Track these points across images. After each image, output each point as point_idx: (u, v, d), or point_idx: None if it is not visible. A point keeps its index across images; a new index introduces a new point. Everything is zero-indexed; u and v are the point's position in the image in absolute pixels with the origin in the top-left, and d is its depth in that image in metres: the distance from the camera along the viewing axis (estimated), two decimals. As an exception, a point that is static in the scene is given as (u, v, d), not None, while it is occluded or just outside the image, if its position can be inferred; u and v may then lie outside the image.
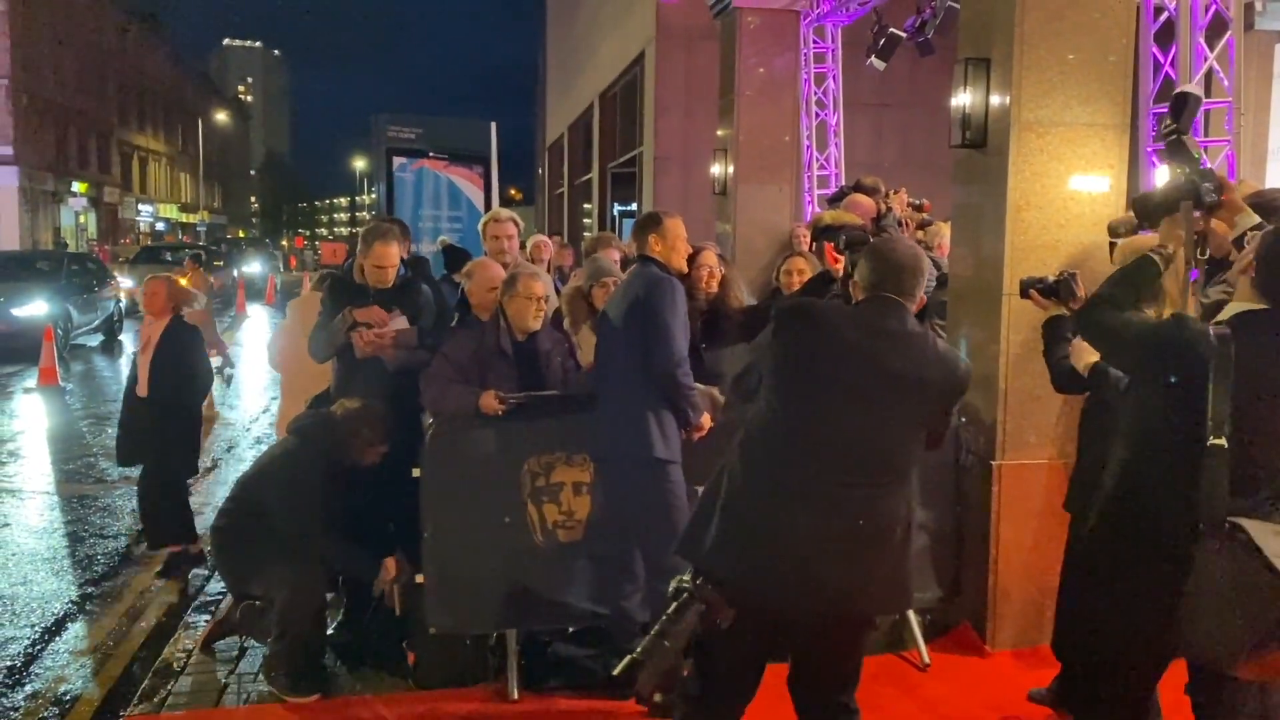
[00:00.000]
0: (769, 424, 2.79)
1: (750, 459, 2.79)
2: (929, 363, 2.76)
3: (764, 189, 10.13)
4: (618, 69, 19.17)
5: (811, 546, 2.67)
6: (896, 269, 2.81)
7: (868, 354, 2.72)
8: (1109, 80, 4.59)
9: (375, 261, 4.73)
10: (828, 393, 2.72)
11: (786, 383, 2.78)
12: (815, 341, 2.77)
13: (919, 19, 9.19)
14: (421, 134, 11.61)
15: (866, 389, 2.70)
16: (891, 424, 2.73)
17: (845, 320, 2.84)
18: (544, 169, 33.22)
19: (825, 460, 2.70)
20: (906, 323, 2.79)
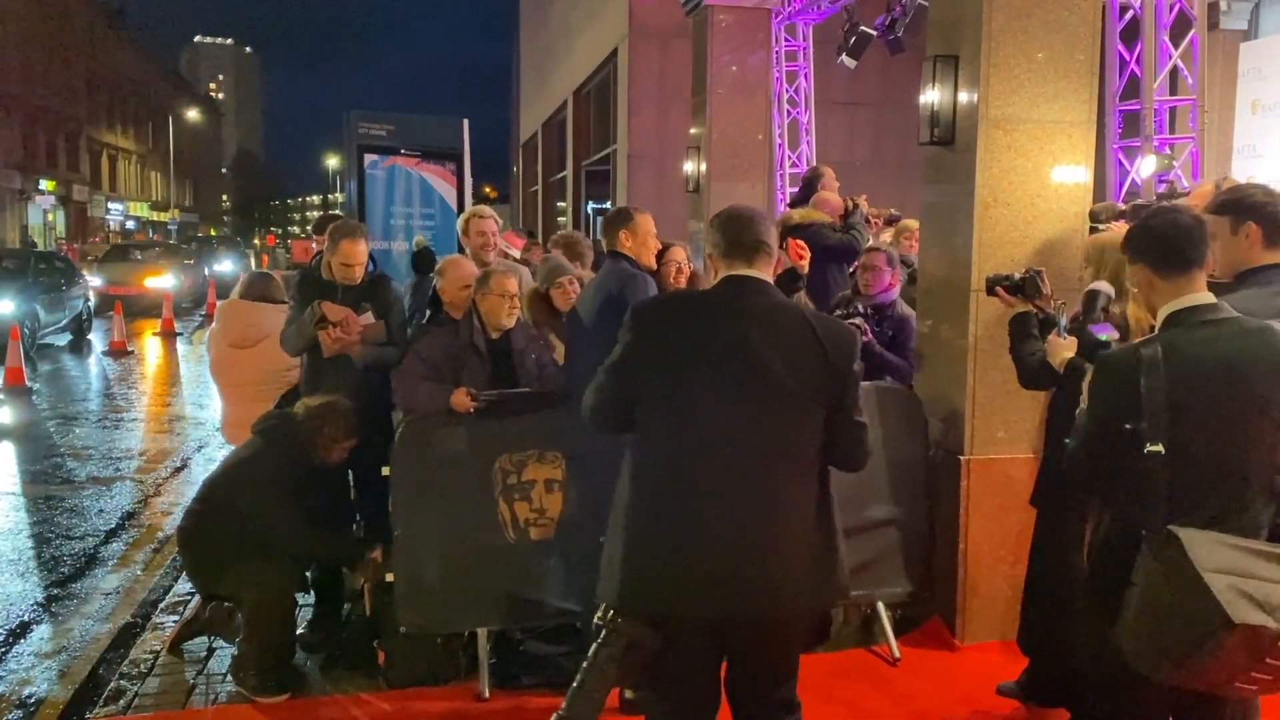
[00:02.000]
0: (646, 434, 2.66)
1: (636, 476, 2.67)
2: (802, 334, 2.59)
3: (737, 187, 10.16)
4: (591, 66, 19.17)
5: (715, 549, 2.53)
6: (747, 222, 2.67)
7: (734, 338, 2.57)
8: (1075, 78, 4.62)
9: (343, 259, 4.70)
10: (700, 387, 2.57)
11: (654, 382, 2.62)
12: (675, 334, 2.62)
13: (889, 17, 9.24)
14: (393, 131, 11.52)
15: (741, 375, 2.55)
16: (777, 406, 2.56)
17: (704, 308, 2.70)
18: (519, 167, 33.15)
19: (713, 457, 2.56)
20: (770, 296, 2.64)
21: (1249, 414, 2.54)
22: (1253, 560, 2.47)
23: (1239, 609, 2.40)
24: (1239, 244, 3.18)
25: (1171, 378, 2.52)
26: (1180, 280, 2.62)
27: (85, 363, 15.40)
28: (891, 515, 4.63)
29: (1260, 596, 2.41)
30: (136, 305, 20.09)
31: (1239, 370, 2.54)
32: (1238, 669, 2.48)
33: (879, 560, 4.62)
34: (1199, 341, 2.58)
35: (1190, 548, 2.46)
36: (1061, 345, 3.57)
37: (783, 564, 2.57)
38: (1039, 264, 4.28)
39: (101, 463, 8.67)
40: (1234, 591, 2.42)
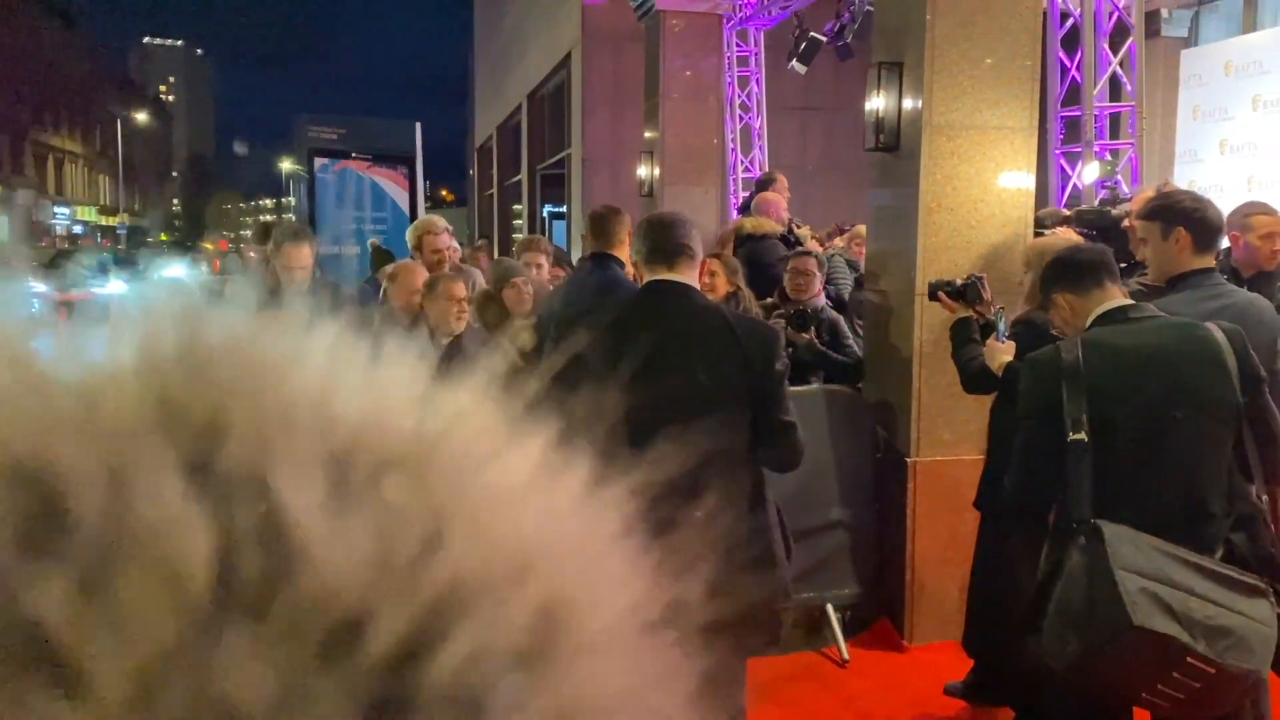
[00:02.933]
0: None
1: None
2: (722, 336, 2.59)
3: (690, 191, 10.20)
4: (545, 70, 19.14)
5: None
6: (667, 227, 2.66)
7: (655, 343, 2.55)
8: (1017, 84, 4.69)
9: (286, 263, 4.65)
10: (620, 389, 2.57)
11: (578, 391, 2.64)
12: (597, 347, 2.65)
13: (838, 23, 9.32)
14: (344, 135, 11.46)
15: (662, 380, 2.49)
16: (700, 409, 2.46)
17: (624, 316, 2.70)
18: (474, 170, 33.02)
19: None
20: (691, 299, 2.64)
21: (1176, 402, 2.54)
22: (1179, 569, 2.42)
23: (1144, 612, 2.37)
24: (1169, 249, 3.25)
25: (1092, 367, 2.56)
26: (1095, 292, 2.69)
27: (29, 370, 15.11)
28: (839, 518, 4.67)
29: (1177, 606, 2.37)
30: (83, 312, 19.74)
31: (1160, 359, 2.57)
32: (1142, 678, 2.43)
33: (828, 563, 4.66)
34: (1120, 334, 2.63)
35: (1112, 543, 2.45)
36: (999, 349, 3.62)
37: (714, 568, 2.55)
38: (982, 269, 4.34)
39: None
40: (1146, 595, 2.39)
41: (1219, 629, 2.35)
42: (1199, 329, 2.58)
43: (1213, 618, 2.36)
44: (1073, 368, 2.57)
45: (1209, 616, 2.36)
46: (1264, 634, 2.35)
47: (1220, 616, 2.36)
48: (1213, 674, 2.34)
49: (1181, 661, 2.35)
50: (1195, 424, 2.53)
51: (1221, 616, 2.36)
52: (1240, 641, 2.34)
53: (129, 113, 68.80)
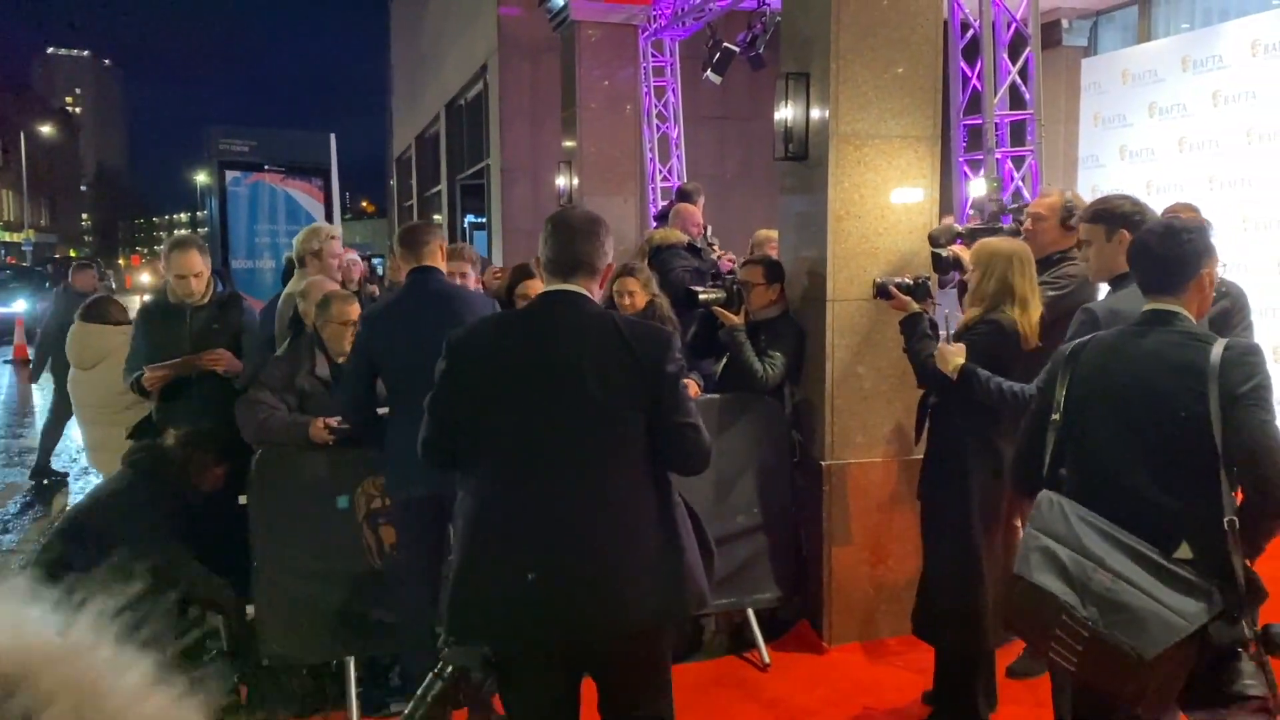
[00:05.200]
0: (469, 462, 2.64)
1: (462, 505, 2.65)
2: (610, 342, 2.57)
3: (610, 200, 10.23)
4: (462, 80, 19.02)
5: (545, 571, 2.47)
6: (572, 238, 2.64)
7: (544, 354, 2.56)
8: (920, 94, 4.80)
9: (176, 271, 4.55)
10: (513, 408, 2.55)
11: (472, 409, 2.60)
12: (487, 360, 2.62)
13: (750, 34, 9.44)
14: (257, 146, 11.23)
15: (551, 390, 2.54)
16: (592, 417, 2.53)
17: (512, 328, 2.72)
18: (394, 181, 32.63)
19: (534, 477, 2.53)
20: (583, 309, 2.62)
21: (1146, 407, 2.60)
22: (1101, 542, 2.51)
23: (1030, 566, 2.53)
24: (1113, 250, 3.45)
25: (1083, 360, 2.73)
26: None
27: (-72, 394, 14.51)
28: (758, 523, 4.72)
29: (1073, 570, 2.49)
30: (-14, 332, 19.05)
31: (1143, 365, 2.64)
32: (1033, 629, 2.62)
33: (747, 568, 4.70)
34: (1127, 334, 2.73)
35: (1038, 504, 2.62)
36: (952, 351, 3.72)
37: (622, 578, 2.51)
38: (890, 274, 4.44)
39: (-56, 500, 8.18)
40: (1042, 554, 2.54)
41: (1115, 603, 2.43)
42: (1197, 346, 2.59)
43: (1113, 591, 2.44)
44: (1071, 356, 2.76)
45: (1108, 589, 2.45)
46: (1169, 622, 2.40)
47: (1123, 593, 2.43)
48: (1087, 638, 2.44)
49: (1059, 619, 2.48)
50: (1160, 430, 2.58)
51: (1124, 593, 2.43)
52: (1134, 620, 2.40)
53: (33, 125, 66.56)
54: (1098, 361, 2.72)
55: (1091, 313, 3.40)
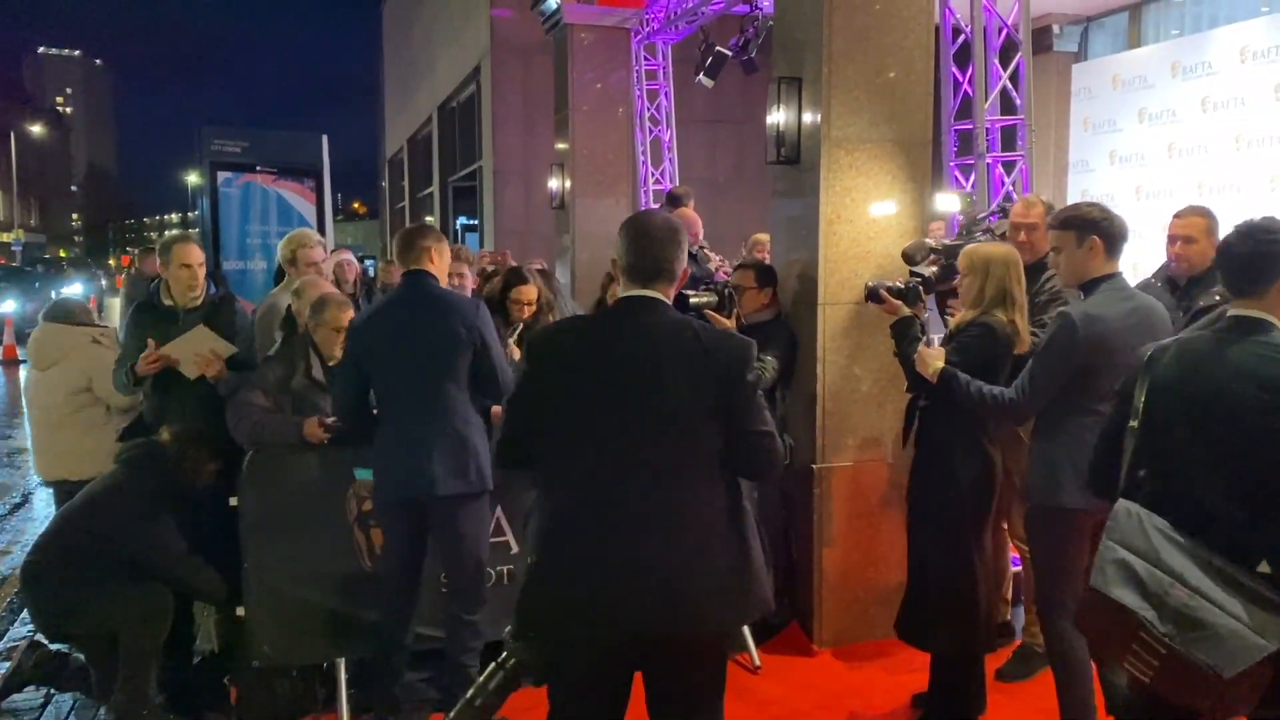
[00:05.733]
0: (548, 463, 2.67)
1: (541, 504, 2.71)
2: (690, 348, 2.60)
3: (601, 203, 10.24)
4: (455, 82, 19.03)
5: (617, 570, 2.52)
6: (652, 245, 2.68)
7: (624, 358, 2.59)
8: (912, 99, 4.82)
9: (181, 260, 4.54)
10: (595, 411, 2.58)
11: (552, 411, 2.64)
12: (569, 362, 2.65)
13: (742, 38, 9.45)
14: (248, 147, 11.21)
15: (633, 395, 2.56)
16: (671, 422, 2.56)
17: (594, 332, 2.75)
18: (386, 182, 32.61)
19: (612, 479, 2.57)
20: (663, 315, 2.66)
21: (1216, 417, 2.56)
22: (1180, 557, 2.48)
23: (1105, 579, 2.50)
24: (1083, 255, 3.50)
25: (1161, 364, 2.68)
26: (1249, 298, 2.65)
27: (-83, 394, 14.44)
28: (749, 525, 4.72)
29: (1151, 585, 2.46)
30: (-26, 332, 18.94)
31: (1216, 372, 2.58)
32: (1110, 643, 2.57)
33: (738, 570, 4.71)
34: (1211, 341, 2.64)
35: (1115, 516, 2.58)
36: (932, 355, 3.73)
37: (694, 583, 2.53)
38: (881, 277, 4.45)
39: (-68, 501, 8.15)
40: (1118, 566, 2.50)
41: (1193, 620, 2.39)
42: (1269, 358, 2.55)
43: (1191, 608, 2.41)
44: (1150, 361, 2.70)
45: (1186, 605, 2.41)
46: (1249, 641, 2.35)
47: (1201, 609, 2.40)
48: (1164, 654, 2.41)
49: (1137, 634, 2.44)
50: (1241, 444, 2.53)
51: (1203, 610, 2.40)
52: (1213, 638, 2.37)
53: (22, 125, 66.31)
54: (1177, 370, 2.64)
55: (1069, 317, 3.42)
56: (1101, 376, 3.39)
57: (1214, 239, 4.24)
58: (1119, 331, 3.39)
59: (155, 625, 4.07)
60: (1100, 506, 3.55)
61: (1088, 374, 3.41)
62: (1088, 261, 3.49)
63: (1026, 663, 4.45)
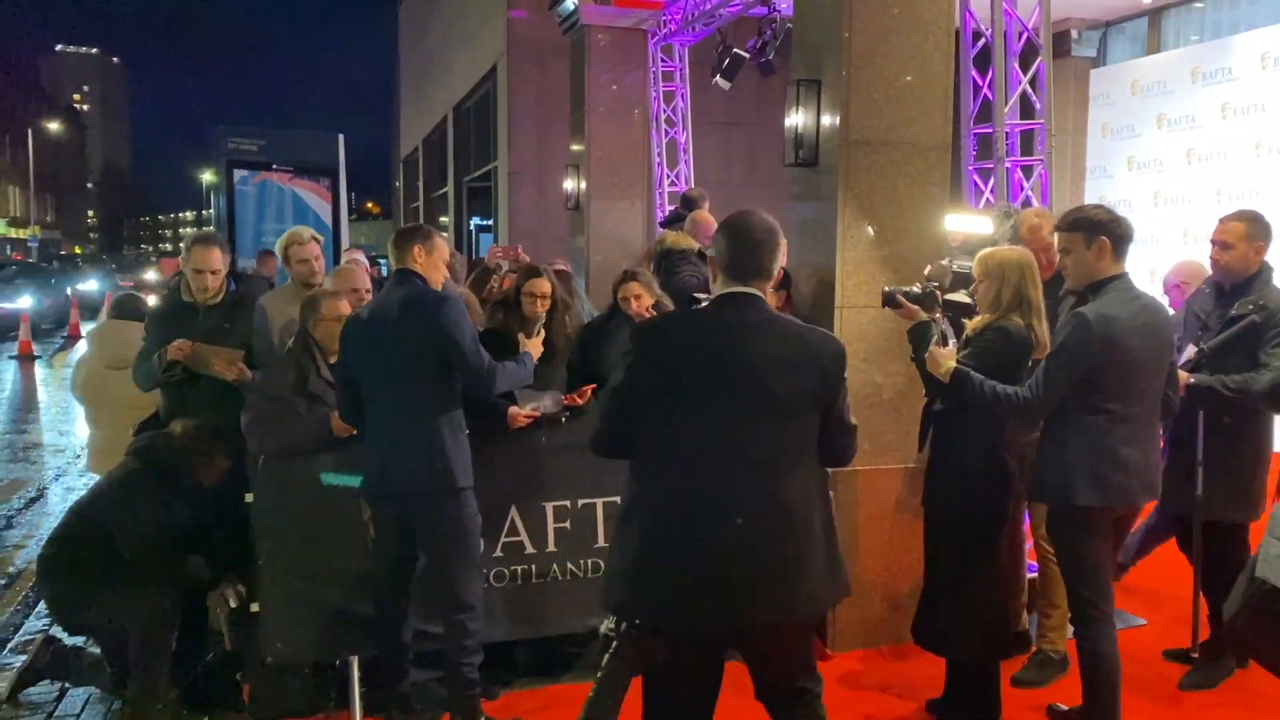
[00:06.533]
0: (652, 453, 2.73)
1: (646, 493, 2.74)
2: (792, 343, 2.72)
3: (616, 205, 10.24)
4: (471, 83, 19.05)
5: (732, 559, 2.62)
6: (754, 246, 2.79)
7: (728, 352, 2.68)
8: (931, 102, 4.80)
9: (195, 265, 4.55)
10: (703, 403, 2.67)
11: (656, 402, 2.71)
12: (673, 354, 2.74)
13: (760, 40, 9.44)
14: (264, 146, 11.28)
15: (741, 388, 2.66)
16: (777, 416, 2.68)
17: (701, 327, 2.83)
18: (400, 182, 32.69)
19: (720, 470, 2.66)
20: (763, 312, 2.76)
21: None
22: None
23: (1271, 570, 2.53)
24: (1092, 257, 3.55)
25: None
26: None
27: (-66, 388, 14.53)
28: (763, 529, 4.71)
29: None
30: (-9, 327, 19.08)
31: None
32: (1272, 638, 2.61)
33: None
34: None
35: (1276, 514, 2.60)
36: (944, 355, 3.72)
37: (798, 567, 2.68)
38: (899, 282, 4.43)
39: (-52, 495, 8.19)
40: None
41: None
42: None
43: None
44: None
45: None
46: None
47: None
48: None
49: None
50: None
51: None
52: None
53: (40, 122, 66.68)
54: None
55: (1083, 317, 3.44)
56: (1114, 376, 3.48)
57: (1256, 244, 4.23)
58: (1130, 331, 3.47)
59: (165, 619, 4.08)
60: (1115, 503, 3.56)
61: (1099, 373, 3.47)
62: (1096, 263, 3.55)
63: (1043, 669, 4.43)
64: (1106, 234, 3.52)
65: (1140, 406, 3.59)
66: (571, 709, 4.25)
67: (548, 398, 4.35)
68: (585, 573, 4.48)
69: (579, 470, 4.43)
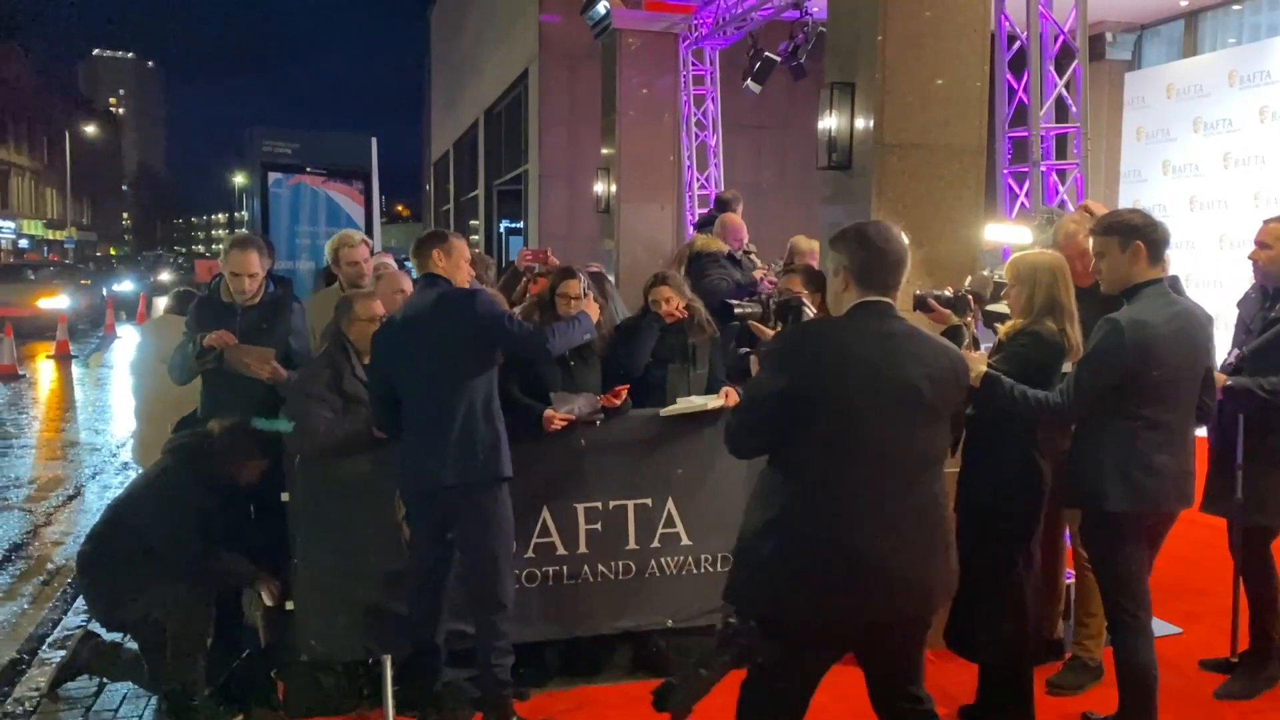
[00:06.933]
0: (801, 455, 2.76)
1: (790, 491, 2.77)
2: (932, 353, 2.81)
3: (646, 207, 10.27)
4: (502, 86, 19.15)
5: (880, 558, 2.69)
6: (893, 264, 2.81)
7: (882, 360, 2.73)
8: (966, 105, 4.79)
9: (233, 269, 4.60)
10: (857, 405, 2.71)
11: (808, 406, 2.74)
12: (827, 361, 2.76)
13: (791, 43, 9.42)
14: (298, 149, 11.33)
15: (894, 395, 2.72)
16: (924, 421, 2.76)
17: (851, 333, 2.84)
18: (430, 185, 32.88)
19: (872, 469, 2.72)
20: (903, 321, 2.83)
21: None
22: None
23: None
24: (1127, 260, 3.51)
25: None
26: None
27: (-26, 386, 14.76)
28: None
29: None
30: (29, 327, 19.28)
31: None
32: None
33: (783, 577, 4.68)
34: None
35: None
36: (974, 358, 3.70)
37: (931, 570, 2.78)
38: (933, 286, 4.41)
39: (-12, 492, 8.32)
40: None
41: None
42: None
43: None
44: None
45: None
46: None
47: None
48: None
49: None
50: None
51: None
52: None
53: (78, 125, 67.62)
54: None
55: (1116, 322, 3.42)
56: (1147, 381, 3.44)
57: None
58: (1164, 337, 3.43)
59: (198, 616, 4.13)
60: (1147, 509, 3.53)
61: (1133, 379, 3.44)
62: (1131, 267, 3.52)
63: (1078, 675, 4.39)
64: (1142, 238, 3.49)
65: (1174, 413, 3.56)
66: (603, 710, 4.28)
67: (582, 400, 4.37)
68: (616, 574, 4.49)
69: (611, 472, 4.45)
